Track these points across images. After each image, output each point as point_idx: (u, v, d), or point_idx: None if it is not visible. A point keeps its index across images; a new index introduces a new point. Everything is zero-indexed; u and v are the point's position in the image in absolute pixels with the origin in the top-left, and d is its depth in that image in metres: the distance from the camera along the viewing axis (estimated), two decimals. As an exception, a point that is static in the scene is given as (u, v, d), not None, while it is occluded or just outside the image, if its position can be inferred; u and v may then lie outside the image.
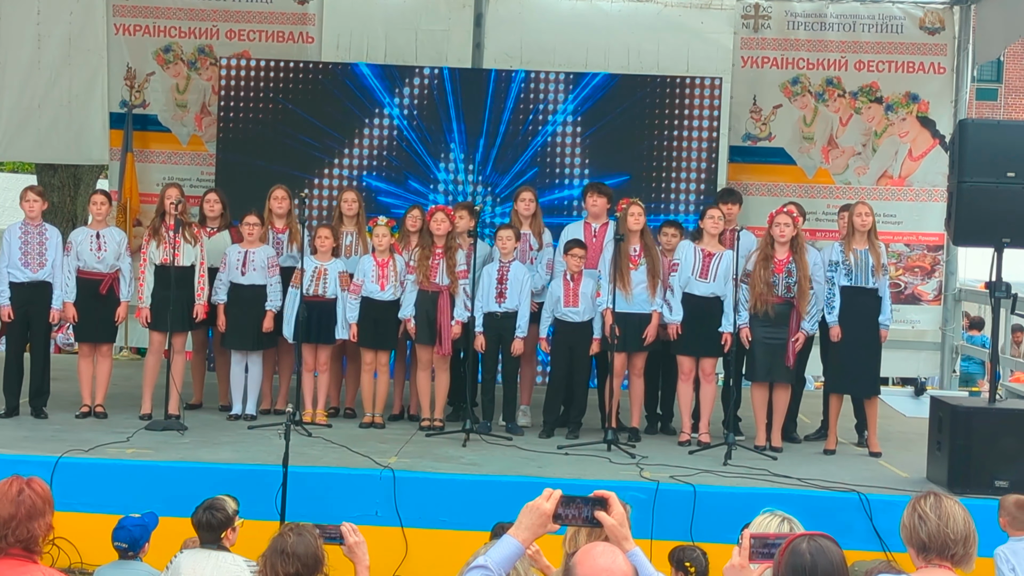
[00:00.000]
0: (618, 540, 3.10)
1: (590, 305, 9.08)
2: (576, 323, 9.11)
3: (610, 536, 3.11)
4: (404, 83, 11.42)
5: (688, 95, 11.37)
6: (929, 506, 3.42)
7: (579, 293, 9.07)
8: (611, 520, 3.09)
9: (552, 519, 3.09)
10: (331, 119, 11.43)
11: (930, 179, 12.12)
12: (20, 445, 8.13)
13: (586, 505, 3.10)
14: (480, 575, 3.07)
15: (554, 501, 3.09)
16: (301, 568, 3.90)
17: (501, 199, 11.33)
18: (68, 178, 14.48)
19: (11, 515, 3.36)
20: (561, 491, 3.11)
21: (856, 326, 8.85)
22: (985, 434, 7.76)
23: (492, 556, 3.09)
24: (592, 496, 3.12)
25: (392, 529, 7.42)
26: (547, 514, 3.08)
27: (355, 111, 11.43)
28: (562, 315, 9.11)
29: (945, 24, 12.16)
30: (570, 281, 9.09)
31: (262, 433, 8.77)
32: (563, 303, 9.07)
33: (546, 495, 3.10)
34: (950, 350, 12.32)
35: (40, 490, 3.42)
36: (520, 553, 3.11)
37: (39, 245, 9.14)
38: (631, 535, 3.12)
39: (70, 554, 7.35)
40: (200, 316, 9.32)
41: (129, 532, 5.83)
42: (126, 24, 12.32)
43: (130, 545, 5.80)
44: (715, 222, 9.00)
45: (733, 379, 9.05)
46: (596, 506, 3.10)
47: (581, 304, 9.07)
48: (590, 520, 3.11)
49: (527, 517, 3.10)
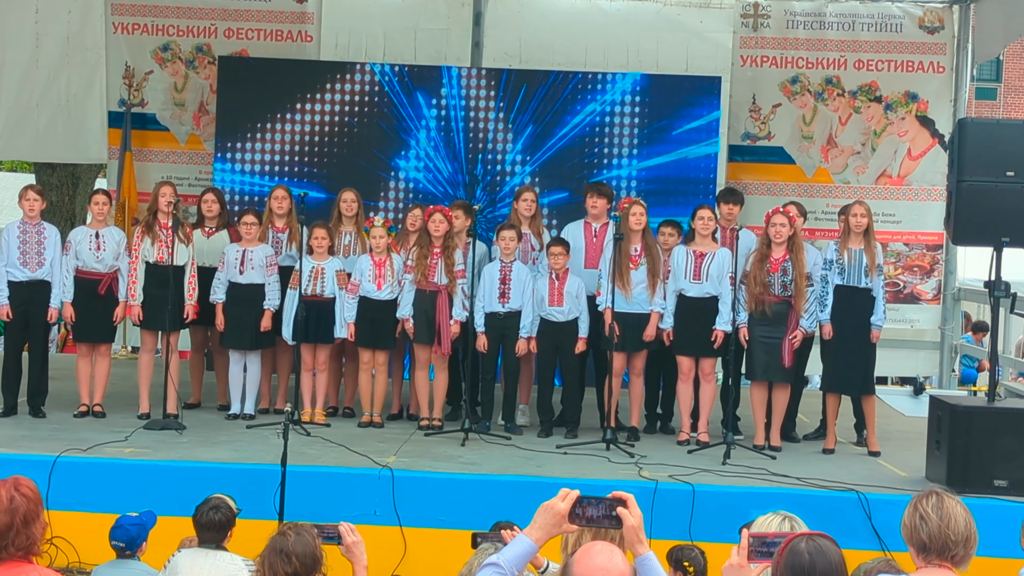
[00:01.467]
0: (633, 543, 3.08)
1: (575, 304, 9.07)
2: (560, 323, 9.09)
3: (627, 537, 3.09)
4: (418, 83, 11.40)
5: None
6: (931, 506, 3.40)
7: (563, 292, 9.05)
8: (632, 520, 3.06)
9: (568, 519, 3.07)
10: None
11: (929, 178, 12.12)
12: (18, 444, 8.12)
13: (604, 505, 3.08)
14: (492, 572, 3.06)
15: (569, 501, 3.07)
16: (299, 568, 3.89)
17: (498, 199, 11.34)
18: (67, 177, 14.47)
19: (7, 525, 3.31)
20: (579, 491, 3.08)
21: (849, 325, 8.85)
22: (984, 433, 7.75)
23: (505, 554, 3.08)
24: (611, 497, 3.09)
25: (391, 528, 7.41)
26: (562, 514, 3.06)
27: (354, 110, 11.42)
28: (547, 314, 9.10)
29: (944, 23, 12.16)
30: (555, 280, 9.08)
31: (260, 432, 8.76)
32: (547, 302, 9.06)
33: (562, 495, 3.08)
34: (949, 349, 12.32)
35: (29, 492, 3.36)
36: (533, 552, 3.09)
37: (38, 244, 9.12)
38: (646, 539, 3.10)
39: (68, 554, 7.34)
40: (191, 316, 9.31)
41: (126, 531, 5.81)
42: (124, 23, 12.31)
43: (127, 544, 5.78)
44: (705, 222, 8.98)
45: (732, 378, 9.05)
46: (614, 506, 3.07)
47: (566, 303, 9.05)
48: (607, 520, 3.08)
49: (542, 517, 3.09)
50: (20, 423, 8.91)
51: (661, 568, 3.14)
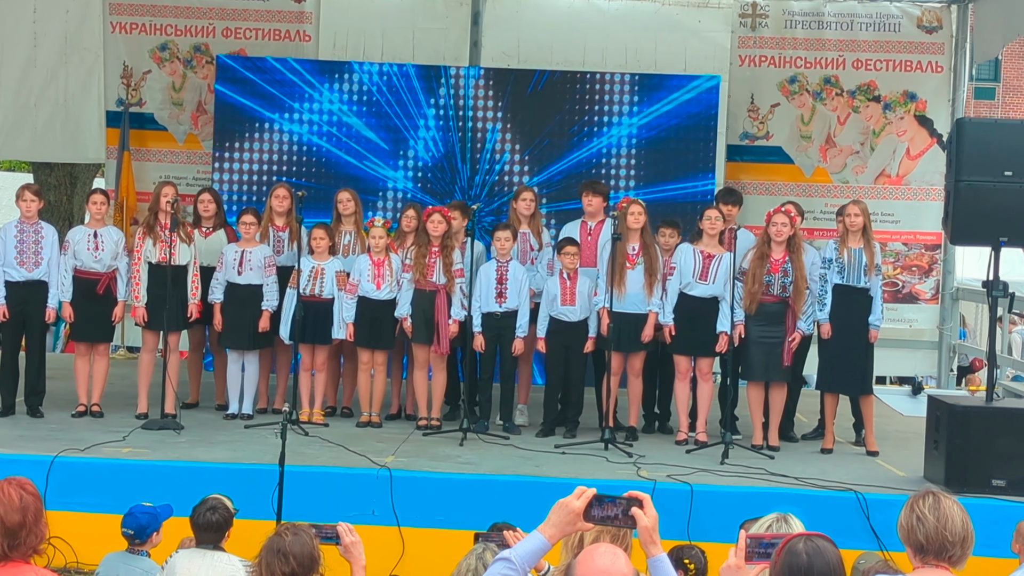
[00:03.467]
0: (647, 543, 3.07)
1: (586, 304, 9.07)
2: (572, 322, 9.09)
3: (641, 538, 3.08)
4: (417, 81, 11.39)
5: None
6: (928, 507, 3.38)
7: (576, 292, 9.05)
8: (646, 520, 3.05)
9: (583, 518, 3.05)
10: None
11: (928, 178, 12.11)
12: (16, 444, 8.12)
13: (620, 505, 3.06)
14: (503, 567, 3.04)
15: (585, 500, 3.04)
16: (297, 568, 3.88)
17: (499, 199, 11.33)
18: (64, 177, 14.45)
19: (20, 523, 3.30)
20: (595, 490, 3.06)
21: (847, 325, 8.84)
22: (982, 433, 7.75)
23: (517, 550, 3.06)
24: (627, 496, 3.07)
25: (389, 528, 7.40)
26: (576, 512, 3.04)
27: (352, 110, 11.41)
28: (558, 314, 9.09)
29: (943, 23, 12.15)
30: (567, 279, 9.08)
31: (258, 432, 8.76)
32: (560, 302, 9.06)
33: (577, 493, 3.06)
34: (947, 349, 12.31)
35: (32, 490, 3.40)
36: (546, 549, 3.07)
37: (35, 244, 9.11)
38: (660, 540, 3.09)
39: (66, 553, 7.30)
40: (194, 315, 9.30)
41: (136, 519, 5.77)
42: (122, 22, 12.29)
43: (136, 532, 5.74)
44: (712, 223, 8.98)
45: (730, 378, 9.04)
46: (631, 506, 3.06)
47: (577, 303, 9.05)
48: (623, 520, 3.06)
49: (556, 514, 3.07)
50: (18, 423, 8.90)
51: (673, 570, 3.13)
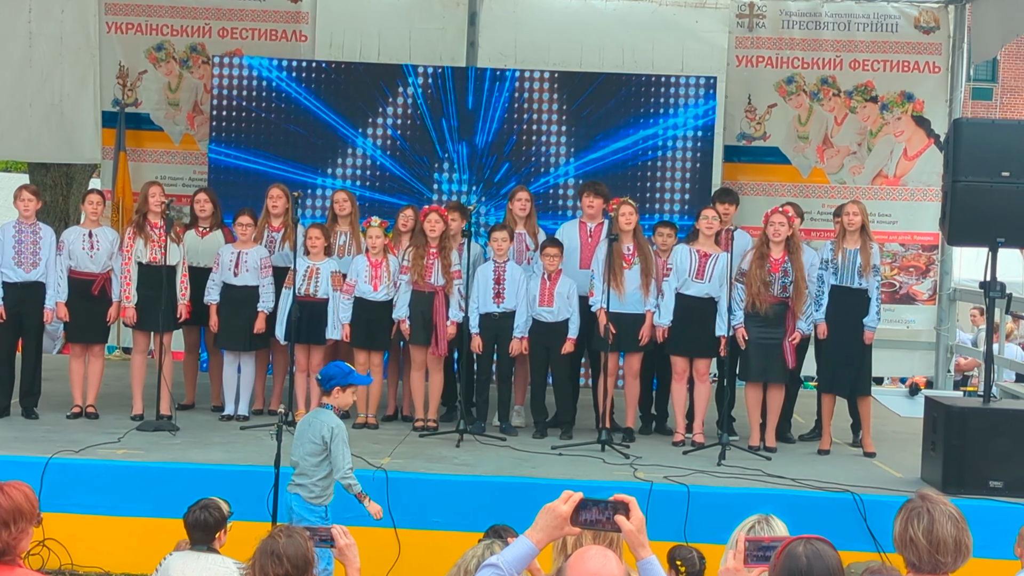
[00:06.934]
0: (635, 546, 3.05)
1: (565, 305, 9.04)
2: (550, 323, 9.07)
3: (628, 542, 3.06)
4: (400, 83, 11.36)
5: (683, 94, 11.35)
6: (922, 530, 3.37)
7: (554, 293, 9.03)
8: (629, 525, 3.02)
9: (571, 522, 3.02)
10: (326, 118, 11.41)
11: (925, 178, 12.10)
12: (10, 446, 8.09)
13: (605, 509, 3.03)
14: (491, 573, 3.03)
15: (572, 504, 3.03)
16: (291, 570, 3.86)
17: (496, 197, 11.30)
18: (61, 177, 14.41)
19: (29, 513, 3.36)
20: (582, 494, 3.04)
21: (843, 326, 8.82)
22: (980, 434, 7.74)
23: (505, 556, 3.05)
24: (612, 500, 3.04)
25: (385, 530, 7.37)
26: (563, 516, 3.02)
27: (352, 110, 11.39)
28: (537, 315, 9.08)
29: (940, 23, 12.14)
30: (547, 280, 9.06)
31: (254, 434, 8.73)
32: (538, 303, 9.04)
33: (564, 497, 3.04)
34: (944, 350, 12.30)
35: (18, 495, 3.38)
36: (534, 554, 3.05)
37: (32, 244, 9.09)
38: (648, 542, 3.07)
39: (60, 556, 7.32)
40: (184, 316, 9.27)
41: (328, 370, 6.72)
42: (118, 22, 12.26)
43: (322, 380, 6.64)
44: (709, 223, 8.97)
45: (727, 379, 9.03)
46: (616, 510, 3.03)
47: (556, 304, 9.03)
48: (610, 524, 3.04)
49: (543, 519, 3.05)
50: (12, 424, 8.87)
51: (663, 571, 3.11)
